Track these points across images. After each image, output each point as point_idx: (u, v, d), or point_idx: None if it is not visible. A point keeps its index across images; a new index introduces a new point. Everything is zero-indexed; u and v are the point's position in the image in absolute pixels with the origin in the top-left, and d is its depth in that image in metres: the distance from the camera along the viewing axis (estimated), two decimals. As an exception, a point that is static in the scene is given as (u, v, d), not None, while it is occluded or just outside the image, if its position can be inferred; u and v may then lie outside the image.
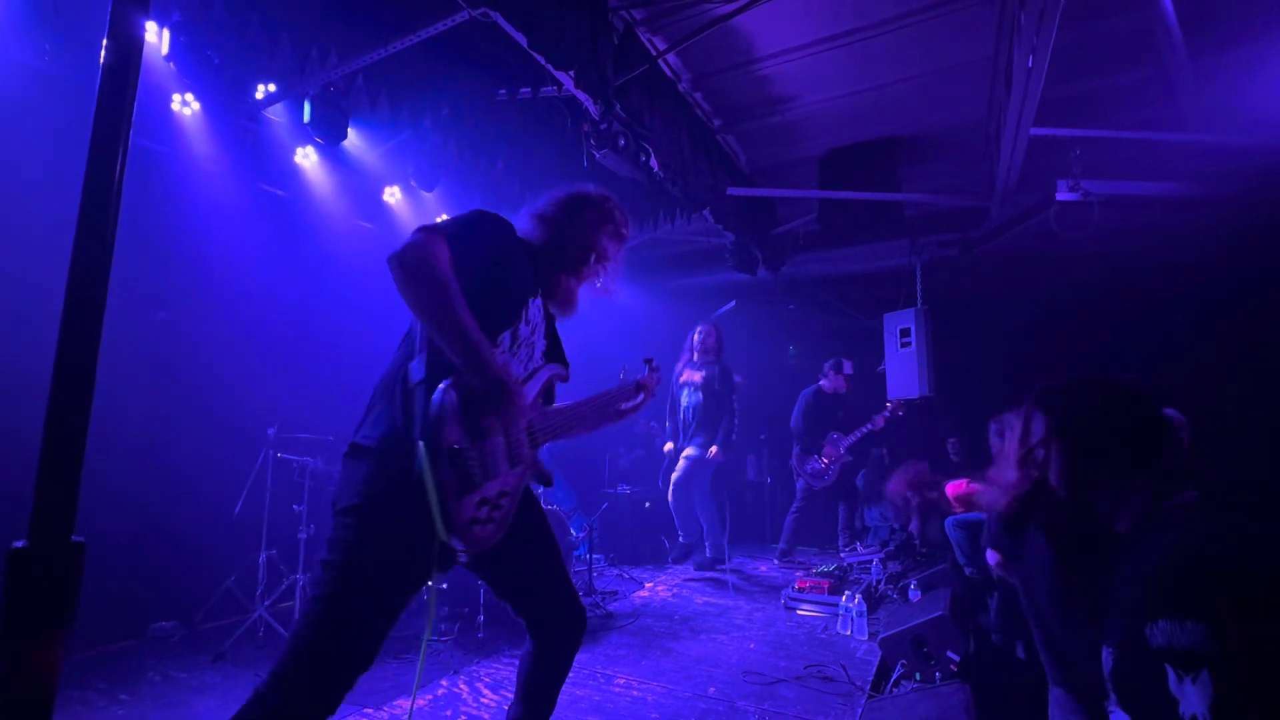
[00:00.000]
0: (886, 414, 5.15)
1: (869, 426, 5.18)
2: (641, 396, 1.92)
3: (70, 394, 0.53)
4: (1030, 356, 5.05)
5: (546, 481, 1.59)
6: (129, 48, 0.71)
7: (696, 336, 4.87)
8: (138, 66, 0.71)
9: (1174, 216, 3.92)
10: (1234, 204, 3.71)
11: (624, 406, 1.88)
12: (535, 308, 1.60)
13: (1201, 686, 0.75)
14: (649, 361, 2.04)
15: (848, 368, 5.44)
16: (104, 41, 0.69)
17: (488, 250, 1.47)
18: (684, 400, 4.74)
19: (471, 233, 1.46)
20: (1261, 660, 0.75)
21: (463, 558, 1.38)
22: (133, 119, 0.70)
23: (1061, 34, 2.56)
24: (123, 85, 0.69)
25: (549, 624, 1.61)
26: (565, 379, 1.73)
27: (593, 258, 1.73)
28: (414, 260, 1.30)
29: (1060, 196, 3.68)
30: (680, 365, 4.88)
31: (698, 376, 4.71)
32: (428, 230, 1.36)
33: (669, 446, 4.87)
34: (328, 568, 1.28)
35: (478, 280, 1.40)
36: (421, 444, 1.25)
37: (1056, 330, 4.88)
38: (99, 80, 0.69)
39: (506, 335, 1.49)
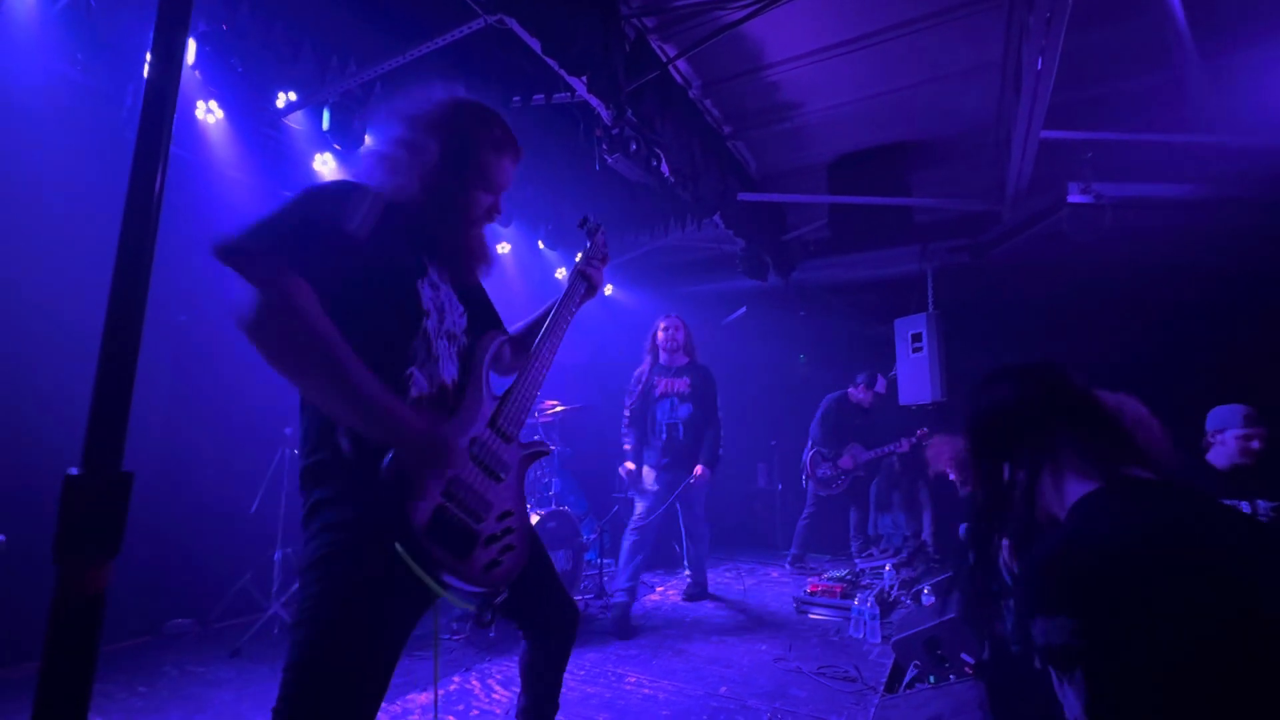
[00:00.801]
0: (913, 440, 5.03)
1: (893, 447, 5.06)
2: (586, 286, 1.61)
3: (119, 338, 0.57)
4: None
5: (545, 451, 1.41)
6: (171, 64, 0.75)
7: (661, 334, 3.95)
8: (177, 81, 0.75)
9: (1189, 219, 3.89)
10: (1251, 206, 3.69)
11: (577, 309, 1.60)
12: (429, 284, 1.26)
13: (1077, 687, 0.70)
14: (584, 223, 1.71)
15: (880, 385, 5.33)
16: (147, 57, 0.73)
17: (351, 252, 1.13)
18: (666, 416, 3.85)
19: (323, 235, 1.10)
20: (1131, 656, 0.69)
21: (500, 595, 1.24)
22: (172, 131, 0.74)
23: (1071, 37, 2.58)
24: (164, 101, 0.72)
25: (540, 622, 1.53)
26: (510, 340, 1.48)
27: (481, 194, 1.32)
28: (279, 326, 0.99)
29: (1071, 199, 3.68)
30: (644, 372, 3.98)
31: (683, 384, 3.89)
32: (270, 262, 1.01)
33: (639, 469, 3.85)
34: (299, 628, 1.07)
35: (352, 296, 1.11)
36: (396, 544, 1.05)
37: (1071, 335, 4.84)
38: (143, 96, 0.72)
39: (418, 343, 1.21)
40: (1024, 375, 1.04)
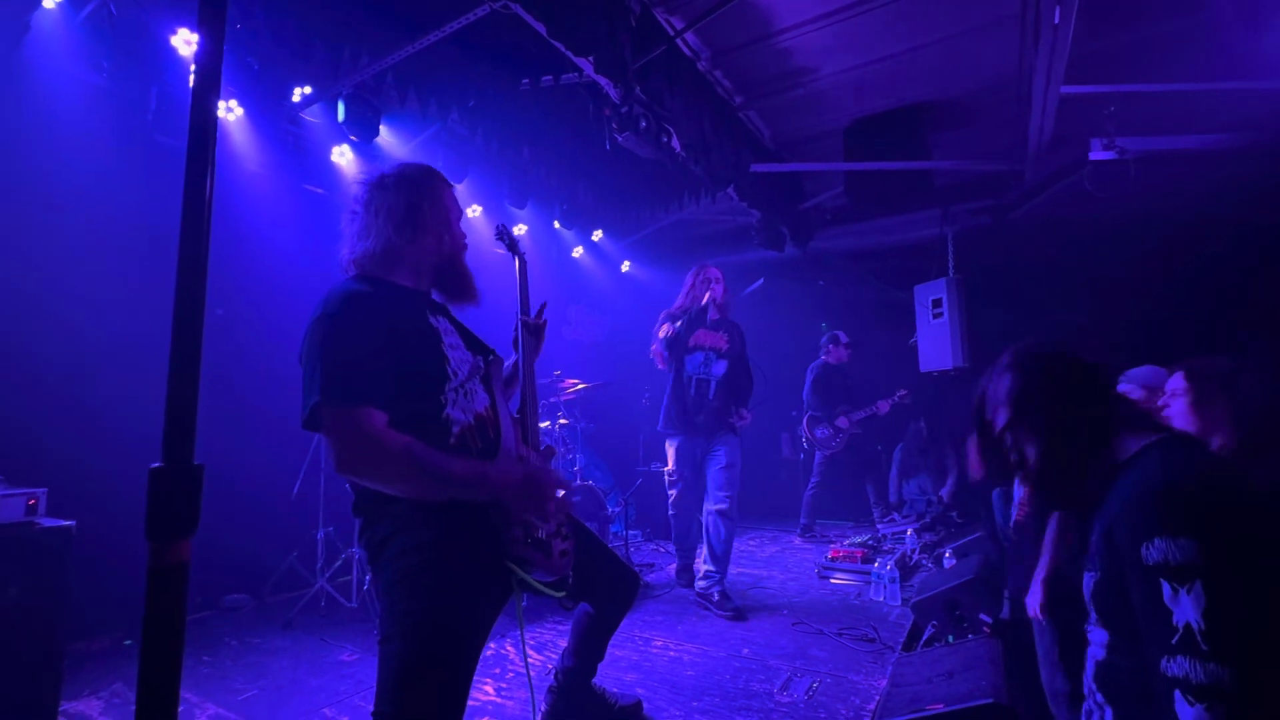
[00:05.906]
0: (893, 401, 5.23)
1: (873, 410, 5.25)
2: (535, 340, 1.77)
3: (185, 347, 0.65)
4: (1072, 324, 4.91)
5: (554, 452, 1.66)
6: (210, 77, 0.81)
7: (719, 286, 3.50)
8: (217, 89, 0.80)
9: (1219, 170, 3.76)
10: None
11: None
12: (448, 344, 1.44)
13: (1195, 596, 0.85)
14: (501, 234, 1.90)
15: (844, 338, 5.51)
16: (191, 68, 0.80)
17: (387, 353, 1.29)
18: (698, 370, 3.48)
19: (365, 357, 1.26)
20: (1247, 570, 0.85)
21: (570, 578, 1.49)
22: (217, 135, 0.81)
23: (1089, -14, 2.50)
24: (207, 111, 0.78)
25: (603, 590, 1.74)
26: (502, 360, 1.65)
27: (454, 234, 1.57)
28: (361, 462, 1.20)
29: (1094, 155, 3.57)
30: (686, 329, 3.43)
31: (721, 340, 3.55)
32: (339, 410, 1.19)
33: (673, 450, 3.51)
34: (391, 642, 1.21)
35: (399, 380, 1.29)
36: (507, 561, 1.32)
37: (1096, 295, 4.73)
38: (190, 106, 0.77)
39: (451, 393, 1.38)
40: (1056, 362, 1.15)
